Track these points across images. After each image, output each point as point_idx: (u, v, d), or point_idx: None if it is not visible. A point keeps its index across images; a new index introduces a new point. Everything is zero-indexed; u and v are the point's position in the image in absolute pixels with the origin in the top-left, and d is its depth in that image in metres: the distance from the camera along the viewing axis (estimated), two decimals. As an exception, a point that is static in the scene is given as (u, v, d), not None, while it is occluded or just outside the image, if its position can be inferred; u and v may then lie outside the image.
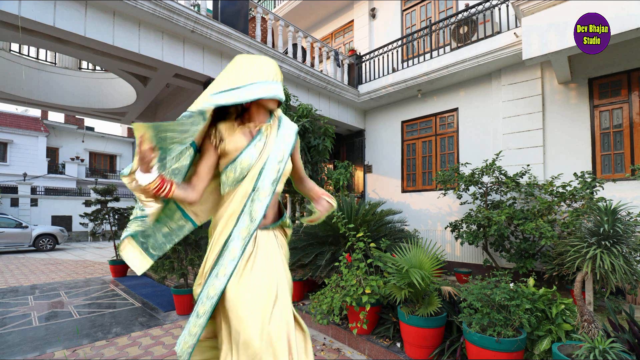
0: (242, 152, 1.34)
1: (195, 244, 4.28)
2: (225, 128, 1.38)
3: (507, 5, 5.22)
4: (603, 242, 2.22)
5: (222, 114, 1.43)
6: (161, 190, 1.17)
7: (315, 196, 1.60)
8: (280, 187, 1.43)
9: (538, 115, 5.14)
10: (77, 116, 11.93)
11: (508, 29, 5.13)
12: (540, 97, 5.13)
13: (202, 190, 1.36)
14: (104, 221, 7.18)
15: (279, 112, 1.51)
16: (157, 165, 1.20)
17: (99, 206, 7.18)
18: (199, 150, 1.40)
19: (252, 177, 1.34)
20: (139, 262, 1.35)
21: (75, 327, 3.55)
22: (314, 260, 3.94)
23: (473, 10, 5.68)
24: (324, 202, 1.56)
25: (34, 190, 16.61)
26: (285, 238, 1.54)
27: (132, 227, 1.35)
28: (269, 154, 1.38)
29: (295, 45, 7.01)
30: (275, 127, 1.45)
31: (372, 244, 3.38)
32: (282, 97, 1.37)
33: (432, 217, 6.39)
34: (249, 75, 1.33)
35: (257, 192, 1.34)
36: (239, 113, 1.45)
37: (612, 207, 2.29)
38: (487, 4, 5.52)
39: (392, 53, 7.10)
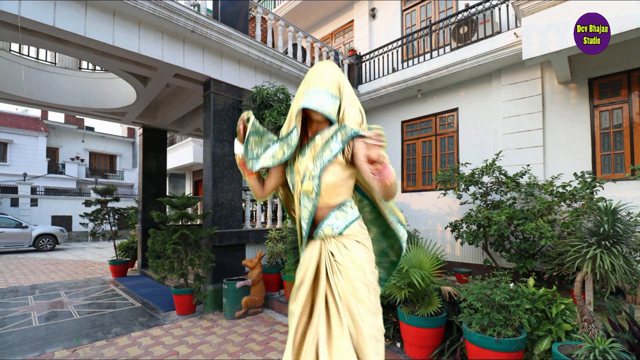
0: (292, 163, 1.44)
1: (195, 244, 4.28)
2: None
3: (507, 5, 5.22)
4: (603, 242, 2.22)
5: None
6: (243, 167, 1.46)
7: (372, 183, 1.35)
8: (322, 201, 1.38)
9: (538, 115, 5.14)
10: (77, 116, 11.93)
11: (508, 29, 5.13)
12: (540, 97, 5.13)
13: (269, 189, 1.53)
14: (104, 221, 7.18)
15: (344, 123, 1.39)
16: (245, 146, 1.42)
17: (99, 206, 7.18)
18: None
19: (297, 192, 1.41)
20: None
21: (75, 334, 3.54)
22: (314, 260, 3.93)
23: (473, 10, 5.68)
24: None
25: (34, 190, 16.61)
26: (357, 244, 1.39)
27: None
28: (307, 171, 1.37)
29: (295, 45, 7.01)
30: (324, 140, 1.37)
31: (372, 244, 3.37)
32: (310, 105, 1.31)
33: (432, 217, 6.39)
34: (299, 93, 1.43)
35: (302, 208, 1.40)
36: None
37: (612, 207, 2.29)
38: (487, 4, 5.52)
39: (392, 53, 7.10)
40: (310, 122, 1.44)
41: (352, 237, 1.38)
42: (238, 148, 1.44)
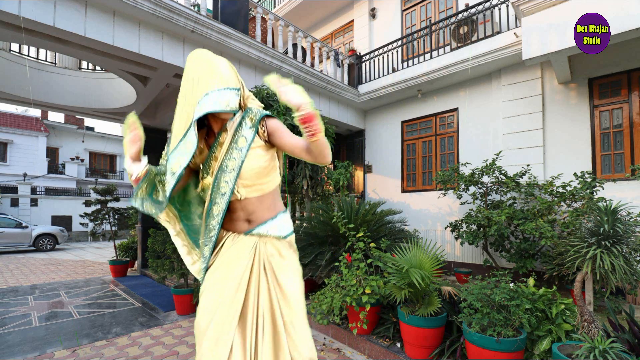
0: (201, 166, 1.36)
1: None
2: (200, 138, 1.35)
3: (507, 5, 5.22)
4: (603, 242, 2.22)
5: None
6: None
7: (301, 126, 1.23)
8: (256, 192, 1.34)
9: (538, 115, 5.14)
10: (77, 116, 11.93)
11: (508, 29, 5.13)
12: (540, 97, 5.13)
13: (180, 187, 1.44)
14: (104, 221, 7.18)
15: (248, 107, 1.35)
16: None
17: (99, 206, 7.18)
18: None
19: (208, 191, 1.33)
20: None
21: (75, 334, 3.54)
22: (314, 260, 3.94)
23: (473, 10, 5.68)
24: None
25: (34, 190, 16.61)
26: (279, 246, 1.37)
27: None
28: (218, 166, 1.29)
29: (295, 45, 7.01)
30: (232, 131, 1.30)
31: (372, 244, 3.38)
32: (217, 108, 1.19)
33: (432, 217, 6.39)
34: (188, 109, 1.24)
35: (213, 206, 1.31)
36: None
37: (612, 207, 2.29)
38: (487, 4, 5.52)
39: (392, 53, 7.10)
40: (213, 118, 1.34)
41: (291, 245, 1.42)
42: (133, 168, 1.30)
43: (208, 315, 1.25)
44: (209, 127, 1.38)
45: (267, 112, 1.35)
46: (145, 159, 1.32)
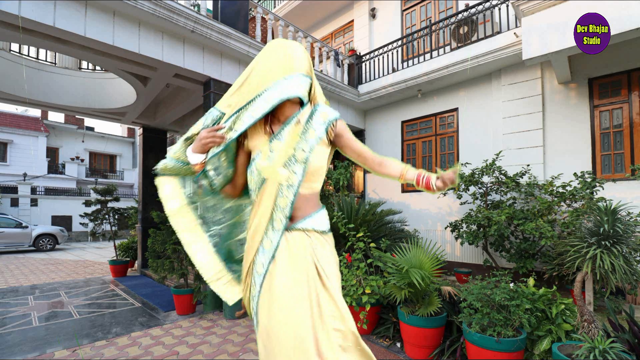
0: (258, 153, 1.26)
1: (195, 244, 4.27)
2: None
3: (507, 5, 5.22)
4: (603, 242, 2.22)
5: None
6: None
7: (396, 174, 1.37)
8: (307, 189, 1.28)
9: (538, 115, 5.14)
10: (77, 116, 11.93)
11: (508, 29, 5.13)
12: (540, 97, 5.13)
13: (241, 185, 1.41)
14: (104, 221, 7.18)
15: (317, 103, 1.34)
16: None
17: (99, 206, 7.18)
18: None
19: (272, 182, 1.23)
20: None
21: (75, 334, 3.54)
22: (314, 260, 3.93)
23: (473, 10, 5.68)
24: (438, 183, 1.33)
25: (34, 190, 16.61)
26: (324, 239, 1.34)
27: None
28: (287, 156, 1.23)
29: (295, 45, 7.00)
30: (303, 122, 1.27)
31: (372, 244, 3.38)
32: (292, 93, 1.19)
33: (432, 217, 6.39)
34: (258, 82, 1.23)
35: (280, 198, 1.22)
36: None
37: (612, 207, 2.29)
38: (487, 4, 5.52)
39: (392, 53, 7.10)
40: (280, 105, 1.28)
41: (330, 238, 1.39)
42: (197, 158, 1.28)
43: (290, 328, 1.14)
44: (272, 113, 1.32)
45: (339, 116, 1.35)
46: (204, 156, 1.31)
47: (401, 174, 1.36)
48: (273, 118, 1.33)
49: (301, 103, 1.31)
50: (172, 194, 1.38)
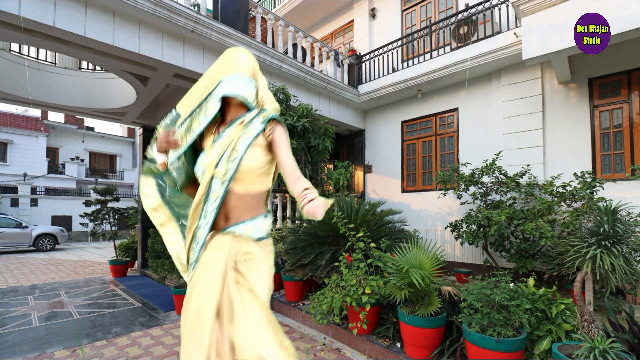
0: (203, 152, 1.37)
1: (195, 244, 4.27)
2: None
3: (507, 5, 5.22)
4: (603, 242, 2.22)
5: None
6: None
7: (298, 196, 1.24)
8: (243, 189, 1.33)
9: (538, 115, 5.14)
10: (77, 116, 11.93)
11: (508, 29, 5.13)
12: (540, 97, 5.13)
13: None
14: (104, 221, 7.18)
15: (264, 107, 1.43)
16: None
17: (99, 206, 7.18)
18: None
19: (209, 175, 1.30)
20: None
21: (75, 334, 3.54)
22: (314, 260, 3.94)
23: (473, 10, 5.68)
24: (306, 207, 1.16)
25: (34, 190, 16.61)
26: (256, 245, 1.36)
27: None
28: (224, 153, 1.30)
29: (295, 45, 7.01)
30: (246, 123, 1.35)
31: (372, 244, 3.38)
32: (232, 91, 1.33)
33: (432, 217, 6.39)
34: (207, 83, 1.39)
35: (210, 193, 1.30)
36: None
37: (612, 207, 2.29)
38: (487, 4, 5.52)
39: (392, 53, 7.10)
40: (227, 108, 1.41)
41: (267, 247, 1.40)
42: (160, 157, 1.38)
43: (191, 314, 1.27)
44: (222, 115, 1.45)
45: (278, 117, 1.40)
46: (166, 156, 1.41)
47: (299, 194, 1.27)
48: (222, 121, 1.43)
49: (250, 108, 1.41)
50: (150, 192, 1.46)
